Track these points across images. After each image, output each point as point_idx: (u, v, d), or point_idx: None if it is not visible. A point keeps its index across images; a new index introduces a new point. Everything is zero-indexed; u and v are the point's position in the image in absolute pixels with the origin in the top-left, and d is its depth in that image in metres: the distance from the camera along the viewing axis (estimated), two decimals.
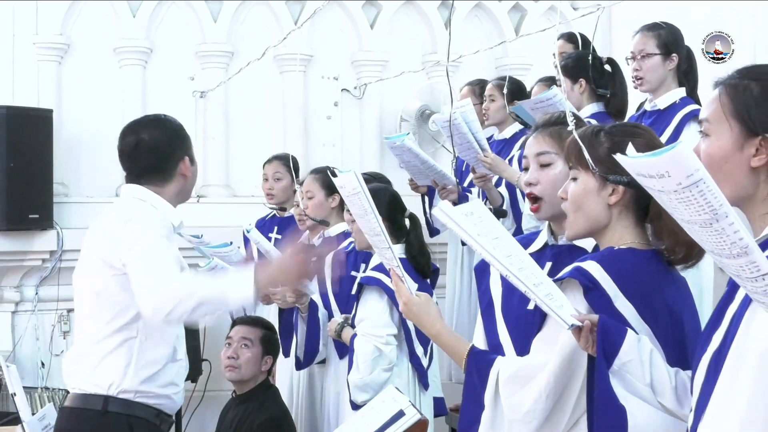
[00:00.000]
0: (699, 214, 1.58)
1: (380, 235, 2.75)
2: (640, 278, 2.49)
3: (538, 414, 2.46)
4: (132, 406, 3.53)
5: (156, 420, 3.61)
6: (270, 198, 6.12)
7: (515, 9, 7.63)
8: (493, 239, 2.31)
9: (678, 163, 1.54)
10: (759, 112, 2.03)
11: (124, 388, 3.51)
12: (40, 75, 6.61)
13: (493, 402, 2.56)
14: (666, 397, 2.36)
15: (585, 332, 2.32)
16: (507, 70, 6.78)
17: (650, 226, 2.59)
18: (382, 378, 4.26)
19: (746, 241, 1.58)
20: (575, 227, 2.62)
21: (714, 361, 1.99)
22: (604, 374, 2.32)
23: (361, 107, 7.28)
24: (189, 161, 3.71)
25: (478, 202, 2.43)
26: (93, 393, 3.55)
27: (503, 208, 5.23)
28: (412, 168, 5.62)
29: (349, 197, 2.76)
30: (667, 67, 4.63)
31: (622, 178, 2.50)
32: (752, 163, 2.03)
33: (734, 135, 2.04)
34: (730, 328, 1.97)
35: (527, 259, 2.34)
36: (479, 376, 2.60)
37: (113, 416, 3.53)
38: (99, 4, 6.79)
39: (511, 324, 2.72)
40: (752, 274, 1.61)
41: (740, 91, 2.07)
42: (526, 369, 2.52)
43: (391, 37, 7.34)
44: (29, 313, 6.42)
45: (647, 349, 2.37)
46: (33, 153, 6.21)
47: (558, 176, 2.81)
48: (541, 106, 4.79)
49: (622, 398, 2.33)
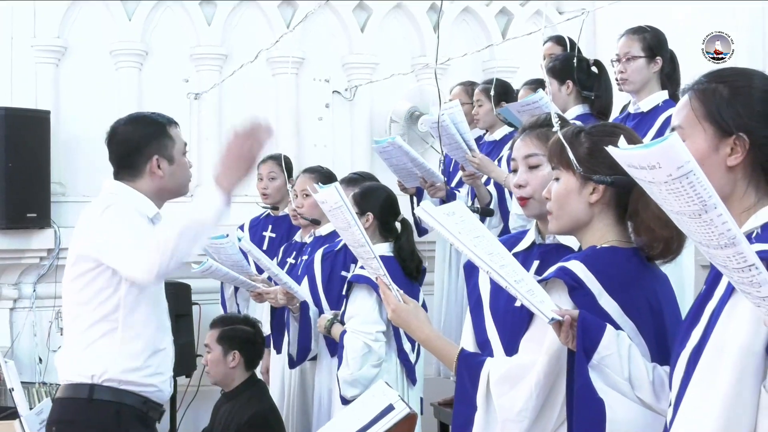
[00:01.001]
0: (688, 205, 1.59)
1: (365, 246, 2.73)
2: (623, 276, 2.50)
3: (529, 412, 2.46)
4: (119, 394, 3.51)
5: (144, 407, 3.58)
6: (265, 197, 6.11)
7: (502, 13, 7.64)
8: (475, 237, 2.33)
9: (669, 155, 1.55)
10: (730, 113, 2.05)
11: (108, 377, 3.49)
12: (37, 77, 6.59)
13: (485, 402, 2.55)
14: (644, 391, 2.38)
15: (565, 327, 2.33)
16: (494, 72, 6.79)
17: (630, 223, 2.59)
18: (371, 374, 4.26)
19: (734, 232, 1.59)
20: (558, 222, 2.63)
21: (693, 357, 1.99)
22: (583, 368, 2.33)
23: (352, 109, 7.28)
24: (165, 161, 3.62)
25: (459, 203, 2.45)
26: (79, 382, 3.54)
27: (491, 207, 5.23)
28: (400, 170, 5.62)
29: (332, 211, 2.71)
30: (651, 69, 4.64)
31: (606, 177, 2.51)
32: (728, 163, 2.04)
33: (708, 137, 2.06)
34: (709, 324, 1.97)
35: (508, 256, 2.35)
36: (470, 378, 2.60)
37: (100, 404, 3.51)
38: (95, 8, 6.78)
39: (499, 321, 2.72)
40: (739, 264, 1.61)
41: (710, 94, 2.08)
42: (515, 369, 2.52)
43: (381, 40, 7.34)
44: (27, 310, 6.42)
45: (626, 344, 2.38)
46: (31, 153, 6.20)
47: (546, 177, 2.81)
48: (527, 109, 4.80)
49: (600, 391, 2.34)
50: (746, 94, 2.07)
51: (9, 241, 6.24)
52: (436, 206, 2.39)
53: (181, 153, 3.68)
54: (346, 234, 2.77)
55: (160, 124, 3.69)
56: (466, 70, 7.04)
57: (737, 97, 2.07)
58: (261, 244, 5.87)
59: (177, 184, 3.68)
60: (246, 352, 5.05)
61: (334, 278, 4.59)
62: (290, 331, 4.72)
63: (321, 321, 4.56)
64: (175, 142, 3.66)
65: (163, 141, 3.64)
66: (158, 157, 3.61)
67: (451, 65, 6.85)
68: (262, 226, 6.16)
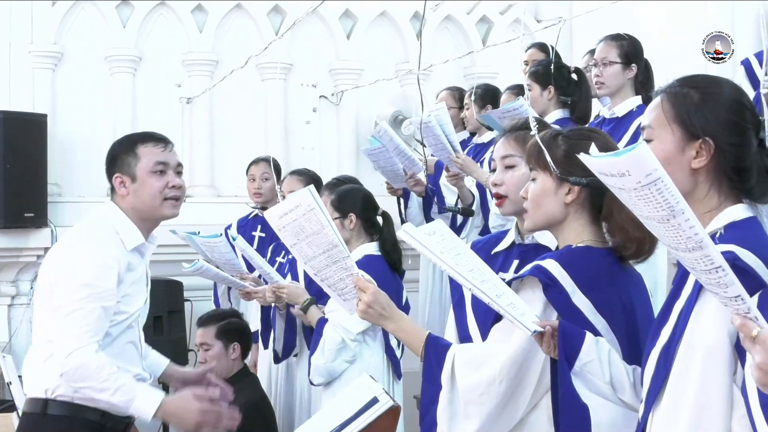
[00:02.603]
0: (657, 210, 1.59)
1: (338, 246, 2.65)
2: (596, 275, 2.50)
3: (491, 397, 2.46)
4: (72, 408, 3.34)
5: (102, 420, 3.37)
6: (257, 197, 6.10)
7: (482, 21, 7.65)
8: (456, 255, 2.32)
9: (638, 163, 1.55)
10: (699, 117, 2.06)
11: (62, 391, 3.32)
12: (35, 81, 6.56)
13: (450, 382, 2.56)
14: (625, 393, 2.39)
15: (546, 337, 2.34)
16: (474, 78, 6.79)
17: (605, 224, 2.60)
18: (342, 368, 4.24)
19: (701, 236, 1.59)
20: (533, 220, 2.63)
21: (663, 354, 2.00)
22: (566, 375, 2.34)
23: (338, 113, 7.28)
24: (128, 179, 3.45)
25: (439, 222, 2.44)
26: (35, 396, 3.40)
27: (472, 208, 5.24)
28: (388, 172, 5.63)
29: (306, 215, 2.60)
30: (626, 75, 4.66)
31: (581, 179, 2.52)
32: (693, 165, 2.06)
33: (676, 139, 2.07)
34: (678, 323, 1.98)
35: (489, 272, 2.35)
36: (436, 359, 2.60)
37: (52, 419, 3.35)
38: (91, 15, 6.77)
39: (480, 318, 2.73)
40: (706, 267, 1.62)
41: (681, 98, 2.10)
42: (480, 355, 2.54)
43: (366, 47, 7.34)
44: (25, 307, 6.38)
45: (605, 349, 2.40)
46: (28, 155, 6.18)
47: (521, 178, 2.83)
48: (508, 115, 4.82)
49: (584, 397, 2.35)
50: (715, 101, 2.09)
51: (7, 240, 6.22)
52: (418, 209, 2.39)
53: (149, 171, 3.45)
54: (318, 237, 2.64)
55: (129, 143, 3.54)
56: (448, 75, 7.05)
57: (707, 103, 2.08)
58: (251, 243, 5.86)
59: (142, 203, 3.45)
60: (243, 342, 5.08)
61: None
62: (276, 328, 4.71)
63: (298, 299, 4.47)
64: (140, 160, 3.46)
65: (126, 159, 3.46)
66: (120, 175, 3.47)
67: (434, 71, 6.86)
68: (251, 226, 6.15)
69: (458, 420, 2.54)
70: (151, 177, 3.45)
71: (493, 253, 2.92)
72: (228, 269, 5.17)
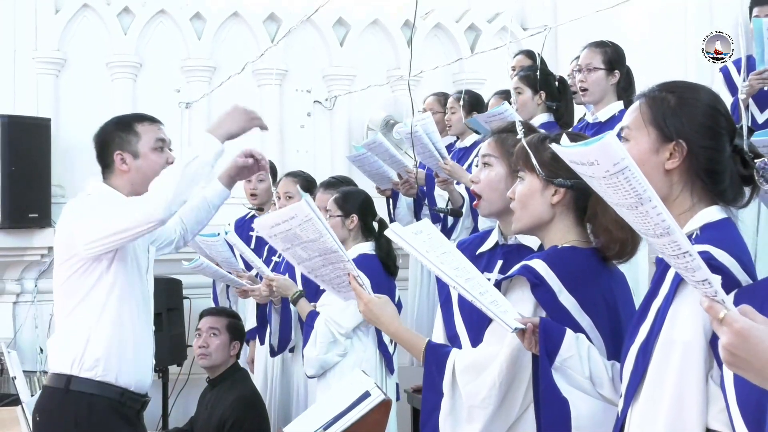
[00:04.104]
0: (625, 198, 1.61)
1: (337, 251, 2.64)
2: (581, 274, 2.51)
3: (493, 399, 2.46)
4: (94, 386, 3.38)
5: (121, 398, 3.43)
6: (253, 198, 6.09)
7: (470, 29, 7.65)
8: (442, 254, 2.33)
9: (606, 153, 1.57)
10: (674, 121, 2.08)
11: (84, 367, 3.37)
12: (39, 87, 6.57)
13: (451, 389, 2.56)
14: (604, 388, 2.39)
15: (528, 334, 2.34)
16: (463, 84, 6.81)
17: (589, 225, 2.60)
18: (334, 360, 4.26)
19: (668, 223, 1.61)
20: (521, 222, 2.64)
21: (641, 351, 2.00)
22: (547, 370, 2.35)
23: (332, 117, 7.28)
24: (130, 155, 3.52)
25: (426, 222, 2.44)
26: (60, 372, 3.42)
27: (462, 209, 5.24)
28: (374, 175, 5.64)
29: (302, 225, 2.56)
30: (609, 81, 4.65)
31: (566, 181, 2.52)
32: (666, 166, 2.07)
33: (651, 140, 2.09)
34: (656, 320, 1.99)
35: (473, 270, 2.36)
36: (437, 367, 2.59)
37: (74, 395, 3.38)
38: (93, 23, 6.77)
39: (467, 316, 2.72)
40: (674, 252, 1.63)
41: (658, 102, 2.12)
42: (480, 359, 2.52)
43: (359, 54, 7.35)
44: (29, 304, 6.38)
45: (585, 345, 2.40)
46: (32, 158, 6.18)
47: (493, 177, 2.84)
48: (493, 119, 4.84)
49: (564, 392, 2.35)
50: (692, 106, 2.10)
51: (12, 239, 6.22)
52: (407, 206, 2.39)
53: (151, 148, 3.54)
54: (316, 245, 2.61)
55: (126, 121, 3.61)
56: (438, 81, 7.05)
57: (683, 107, 2.10)
58: (248, 242, 5.84)
59: (143, 178, 3.48)
60: (241, 344, 5.20)
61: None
62: (272, 322, 4.72)
63: (288, 291, 4.47)
64: (140, 138, 3.54)
65: (127, 137, 3.53)
66: (121, 152, 3.53)
67: (424, 77, 6.84)
68: (248, 226, 6.13)
69: (461, 424, 2.53)
70: (153, 153, 3.55)
71: (477, 254, 2.91)
72: (226, 267, 5.18)
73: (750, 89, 4.78)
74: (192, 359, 6.12)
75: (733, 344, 1.59)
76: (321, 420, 3.28)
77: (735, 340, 1.59)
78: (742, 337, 1.58)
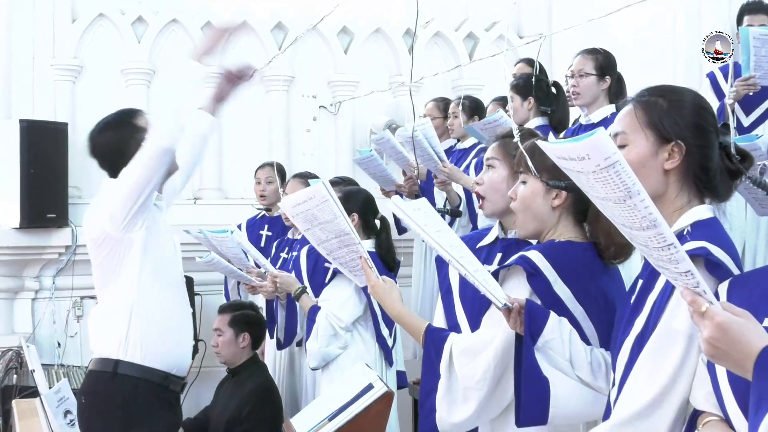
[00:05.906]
0: (614, 192, 1.61)
1: (349, 233, 2.74)
2: (577, 266, 2.52)
3: (488, 382, 2.48)
4: (140, 370, 3.39)
5: (164, 382, 3.45)
6: (262, 199, 6.12)
7: (469, 37, 7.66)
8: (437, 231, 2.35)
9: (597, 148, 1.57)
10: (670, 122, 2.08)
11: (131, 351, 3.37)
12: (56, 92, 6.58)
13: (448, 372, 2.58)
14: (582, 371, 2.41)
15: (514, 313, 2.36)
16: (462, 89, 6.83)
17: (588, 227, 2.61)
18: (335, 353, 4.29)
19: (655, 216, 1.61)
20: (525, 228, 2.66)
21: (637, 343, 2.01)
22: (530, 350, 2.36)
23: (336, 122, 7.28)
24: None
25: (424, 201, 2.46)
26: (106, 357, 3.43)
27: (459, 209, 5.25)
28: (378, 177, 5.67)
29: (319, 206, 2.68)
30: (601, 87, 4.68)
31: (560, 182, 2.53)
32: (665, 166, 2.08)
33: (649, 143, 2.09)
34: (652, 313, 1.99)
35: (465, 249, 2.38)
36: (435, 350, 2.61)
37: (122, 378, 3.38)
38: (108, 31, 6.78)
39: (467, 306, 2.74)
40: (659, 244, 1.63)
41: (651, 105, 2.12)
42: (476, 343, 2.54)
43: (362, 61, 7.35)
44: (47, 300, 6.39)
45: (567, 329, 2.42)
46: (50, 160, 6.19)
47: (495, 179, 2.87)
48: (489, 127, 4.90)
49: (545, 371, 2.37)
50: (681, 107, 2.12)
51: (31, 238, 6.23)
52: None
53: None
54: (332, 225, 2.73)
55: (129, 123, 3.60)
56: (437, 87, 7.05)
57: (674, 108, 2.11)
58: (259, 241, 5.90)
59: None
60: (253, 333, 5.12)
61: (318, 270, 4.56)
62: (278, 317, 4.74)
63: (290, 287, 4.48)
64: (145, 128, 3.54)
65: (137, 136, 3.49)
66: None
67: (424, 83, 6.88)
68: (258, 226, 6.16)
69: (457, 405, 2.55)
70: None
71: (477, 248, 2.93)
72: (236, 263, 5.20)
73: (736, 95, 4.80)
74: (203, 353, 6.14)
75: (714, 337, 1.60)
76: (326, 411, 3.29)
77: (716, 333, 1.60)
78: (723, 330, 1.60)
